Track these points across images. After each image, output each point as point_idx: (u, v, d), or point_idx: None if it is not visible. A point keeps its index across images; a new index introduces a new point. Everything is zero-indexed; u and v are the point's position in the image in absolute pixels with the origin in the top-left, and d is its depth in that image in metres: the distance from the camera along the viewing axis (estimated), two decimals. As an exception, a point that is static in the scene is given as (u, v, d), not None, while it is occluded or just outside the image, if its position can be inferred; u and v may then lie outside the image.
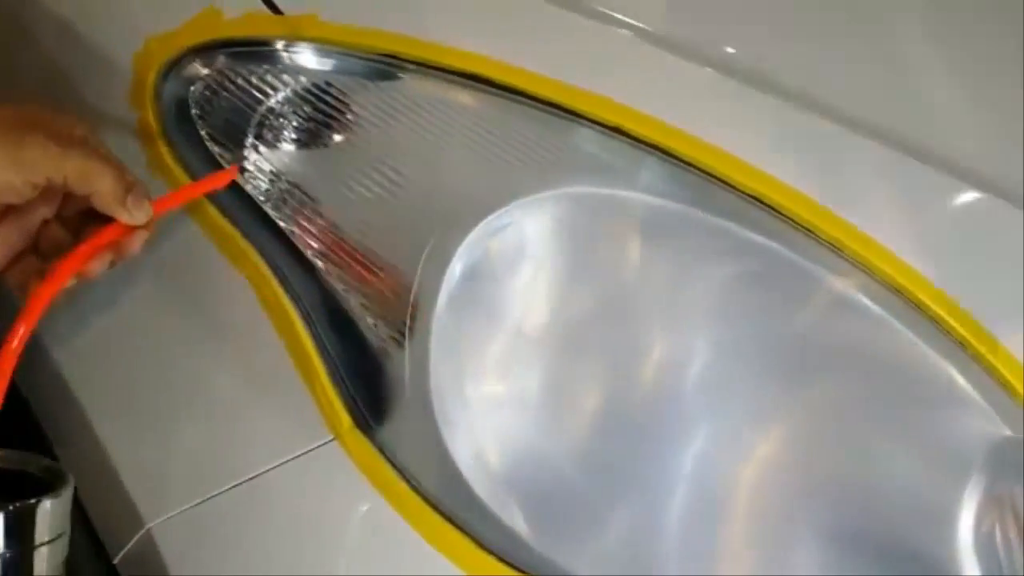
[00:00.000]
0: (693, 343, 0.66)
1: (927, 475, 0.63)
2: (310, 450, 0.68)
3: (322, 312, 0.69)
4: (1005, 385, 0.63)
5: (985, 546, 0.62)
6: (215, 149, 0.72)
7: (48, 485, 0.59)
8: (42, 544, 0.57)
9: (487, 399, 0.66)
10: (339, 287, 0.68)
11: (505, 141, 0.67)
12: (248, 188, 0.71)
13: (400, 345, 0.66)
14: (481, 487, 0.65)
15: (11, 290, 0.66)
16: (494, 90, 0.69)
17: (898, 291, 0.64)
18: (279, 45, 0.73)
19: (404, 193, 0.68)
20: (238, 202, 0.71)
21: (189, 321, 0.71)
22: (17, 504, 0.55)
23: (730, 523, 0.64)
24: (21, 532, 0.56)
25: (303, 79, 0.71)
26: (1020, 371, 0.61)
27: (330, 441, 0.67)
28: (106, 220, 0.63)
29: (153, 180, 0.73)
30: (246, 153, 0.71)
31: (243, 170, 0.68)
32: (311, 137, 0.70)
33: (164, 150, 0.74)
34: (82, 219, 0.65)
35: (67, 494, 0.59)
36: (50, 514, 0.58)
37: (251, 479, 0.67)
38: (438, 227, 0.65)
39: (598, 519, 0.64)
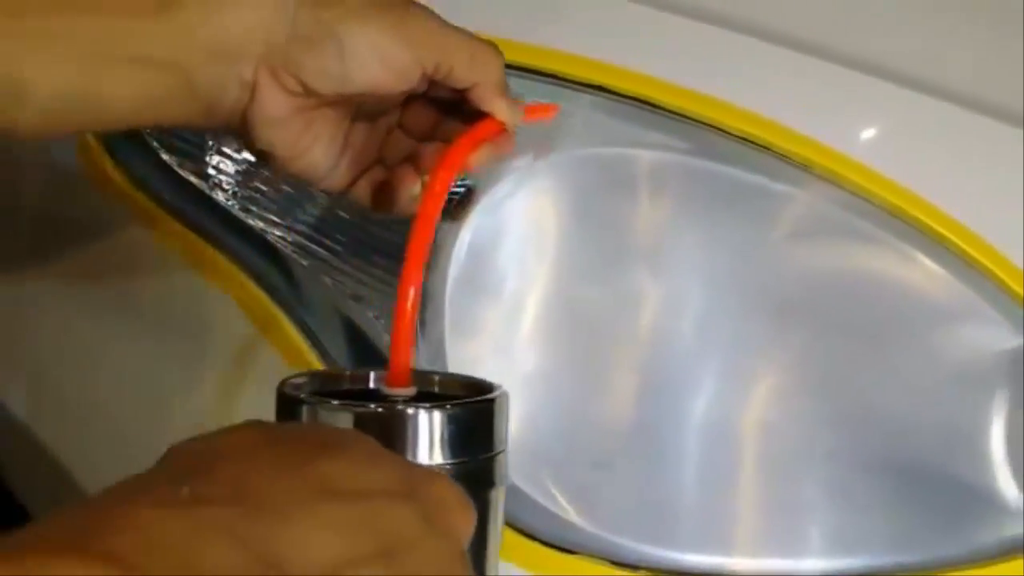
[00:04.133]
0: (694, 290, 0.65)
1: (948, 394, 0.64)
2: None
3: (317, 315, 0.65)
4: (1013, 295, 0.63)
5: (1018, 457, 0.62)
6: (171, 159, 0.67)
7: None
8: None
9: (506, 378, 0.63)
10: (332, 284, 0.65)
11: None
12: (214, 194, 0.67)
13: (411, 337, 0.63)
14: (515, 471, 0.62)
15: (358, 203, 0.59)
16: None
17: (896, 214, 0.64)
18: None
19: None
20: (205, 212, 0.67)
21: (176, 351, 0.66)
22: None
23: (748, 463, 0.64)
24: None
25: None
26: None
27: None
28: (448, 130, 0.55)
29: (105, 205, 0.68)
30: (208, 158, 0.66)
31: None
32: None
33: (111, 168, 0.69)
34: (424, 129, 0.57)
35: None
36: None
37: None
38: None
39: (622, 479, 0.64)
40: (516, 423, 0.63)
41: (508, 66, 0.59)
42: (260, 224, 0.66)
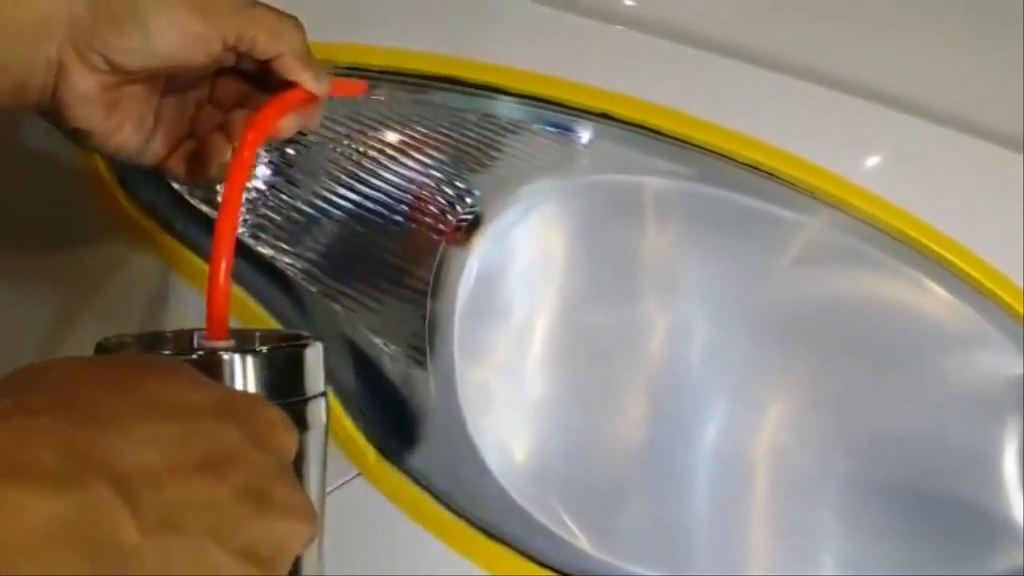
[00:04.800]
0: (703, 316, 0.65)
1: (959, 419, 0.64)
2: (329, 492, 0.63)
3: (325, 341, 0.65)
4: (1019, 319, 0.63)
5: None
6: (181, 186, 0.67)
7: None
8: None
9: (515, 404, 0.64)
10: (341, 312, 0.65)
11: (494, 138, 0.65)
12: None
13: (420, 364, 0.63)
14: (527, 499, 0.63)
15: (172, 179, 0.61)
16: (469, 89, 0.66)
17: (902, 239, 0.64)
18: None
19: (399, 203, 0.65)
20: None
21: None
22: None
23: (759, 489, 0.64)
24: None
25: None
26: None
27: (355, 477, 0.63)
28: (257, 102, 0.56)
29: (114, 231, 0.68)
30: (218, 186, 0.66)
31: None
32: (284, 159, 0.67)
33: (122, 198, 0.69)
34: (234, 102, 0.58)
35: None
36: None
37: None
38: (445, 232, 0.63)
39: (634, 506, 0.64)
40: (525, 449, 0.63)
41: (519, 95, 0.60)
42: (269, 251, 0.66)
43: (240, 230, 0.67)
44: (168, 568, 0.35)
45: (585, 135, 0.65)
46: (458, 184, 0.64)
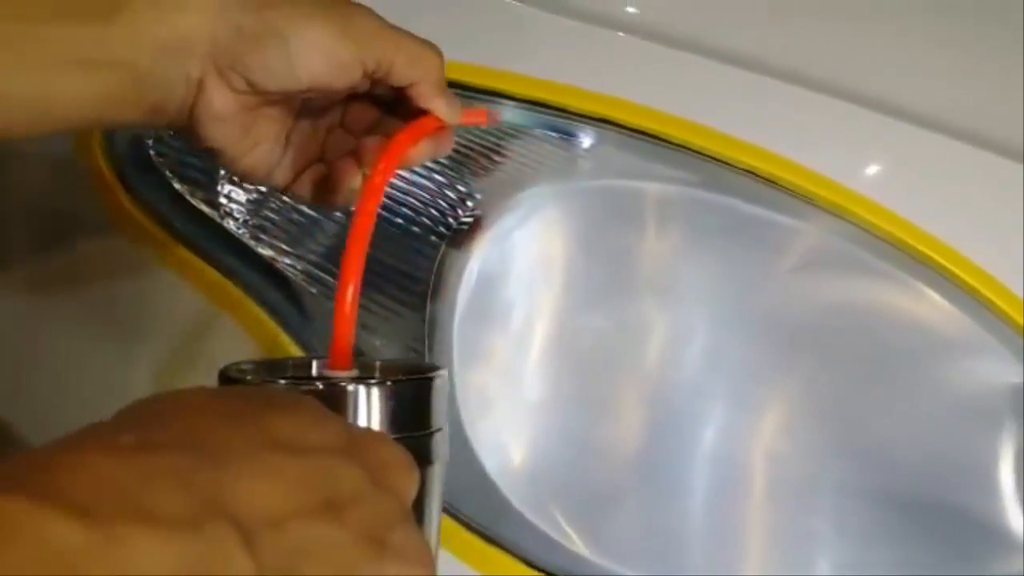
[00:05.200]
0: (701, 321, 0.65)
1: (956, 426, 0.64)
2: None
3: (325, 342, 0.64)
4: (1016, 328, 0.63)
5: (1028, 491, 0.62)
6: (183, 188, 0.68)
7: None
8: None
9: (514, 407, 0.64)
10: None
11: (495, 143, 0.65)
12: (225, 223, 0.67)
13: (418, 365, 0.63)
14: (523, 502, 0.63)
15: (299, 198, 0.60)
16: (471, 94, 0.67)
17: (900, 246, 0.64)
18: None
19: (400, 205, 0.65)
20: (216, 241, 0.67)
21: (185, 378, 0.66)
22: None
23: (756, 494, 0.64)
24: None
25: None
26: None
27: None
28: (388, 129, 0.56)
29: (117, 232, 0.69)
30: (219, 188, 0.67)
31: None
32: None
33: (125, 199, 0.69)
34: (365, 128, 0.58)
35: None
36: None
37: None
38: (446, 235, 0.63)
39: (630, 510, 0.64)
40: (523, 452, 0.63)
41: (519, 99, 0.60)
42: (270, 252, 0.67)
43: (240, 231, 0.67)
44: None
45: (586, 140, 0.66)
46: (459, 187, 0.64)
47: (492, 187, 0.65)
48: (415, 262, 0.64)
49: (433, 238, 0.63)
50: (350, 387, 0.46)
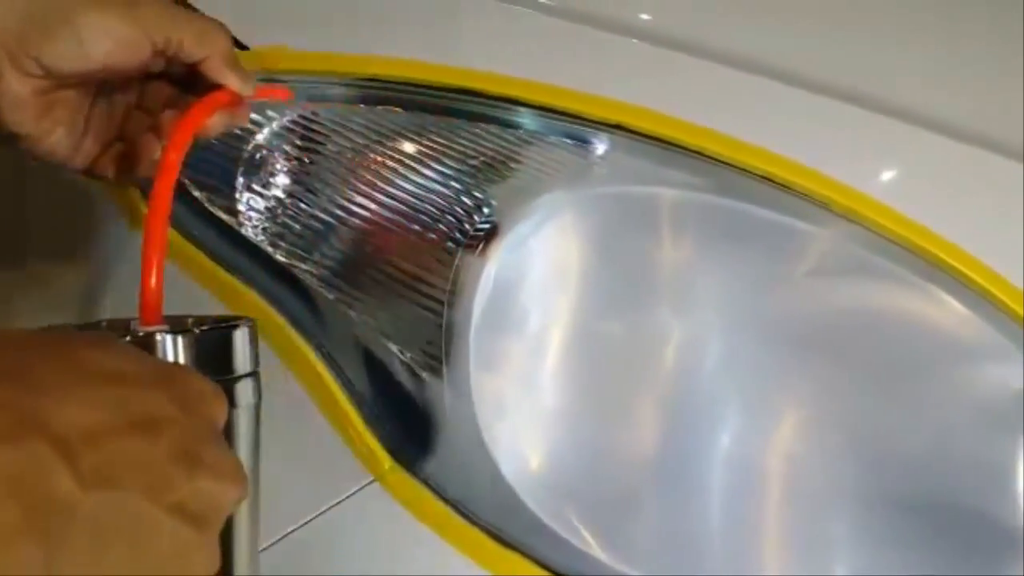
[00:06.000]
0: (717, 326, 0.65)
1: (972, 430, 0.64)
2: (344, 498, 0.64)
3: (343, 349, 0.65)
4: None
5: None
6: (202, 195, 0.68)
7: None
8: None
9: (530, 413, 0.64)
10: (357, 319, 0.65)
11: (511, 149, 0.66)
12: (244, 230, 0.67)
13: (436, 371, 0.63)
14: (540, 507, 0.63)
15: (101, 180, 0.62)
16: (487, 101, 0.67)
17: (915, 251, 0.64)
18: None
19: (416, 212, 0.65)
20: (232, 246, 0.68)
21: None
22: None
23: (773, 499, 0.64)
24: None
25: (288, 112, 0.68)
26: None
27: (370, 483, 0.64)
28: (185, 104, 0.58)
29: (135, 239, 0.69)
30: (238, 195, 0.67)
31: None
32: (303, 169, 0.67)
33: (143, 207, 0.70)
34: (163, 105, 0.61)
35: None
36: None
37: (284, 537, 0.63)
38: (463, 242, 0.63)
39: (647, 514, 0.64)
40: (539, 457, 0.64)
41: (535, 106, 0.60)
42: (287, 259, 0.67)
43: (259, 238, 0.68)
44: (103, 521, 0.37)
45: (601, 147, 0.66)
46: (475, 194, 0.65)
47: (508, 194, 0.65)
48: (432, 269, 0.64)
49: (450, 244, 0.64)
50: (158, 336, 0.50)
